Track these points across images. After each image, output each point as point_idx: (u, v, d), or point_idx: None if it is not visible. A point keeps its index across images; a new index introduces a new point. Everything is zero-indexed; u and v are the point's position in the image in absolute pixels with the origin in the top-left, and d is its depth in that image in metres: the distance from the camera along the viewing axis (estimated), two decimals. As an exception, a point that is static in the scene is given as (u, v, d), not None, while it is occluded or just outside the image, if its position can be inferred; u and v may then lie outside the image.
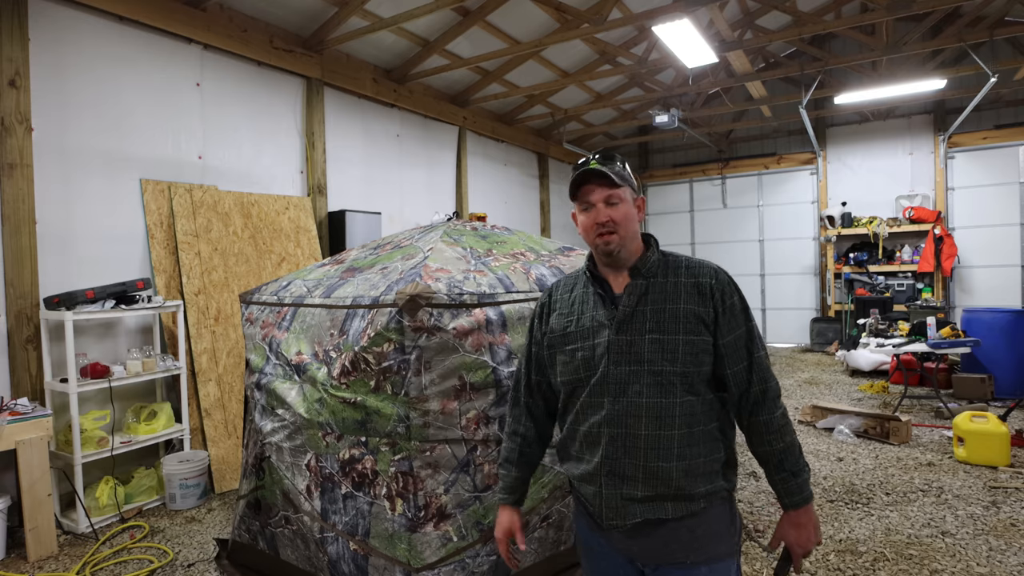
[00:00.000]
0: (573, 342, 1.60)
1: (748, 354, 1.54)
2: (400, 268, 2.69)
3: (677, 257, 1.62)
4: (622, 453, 1.50)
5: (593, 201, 1.56)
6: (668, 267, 1.58)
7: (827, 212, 10.36)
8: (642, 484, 1.49)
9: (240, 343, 4.95)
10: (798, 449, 1.56)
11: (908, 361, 6.87)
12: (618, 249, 1.55)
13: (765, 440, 1.54)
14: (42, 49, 4.19)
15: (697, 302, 1.52)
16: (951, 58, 9.16)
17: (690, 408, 1.50)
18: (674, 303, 1.52)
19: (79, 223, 4.37)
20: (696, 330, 1.50)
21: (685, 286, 1.54)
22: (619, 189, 1.56)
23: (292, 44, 5.93)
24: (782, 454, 1.53)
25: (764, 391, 1.54)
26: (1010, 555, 3.23)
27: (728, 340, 1.52)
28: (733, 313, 1.54)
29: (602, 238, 1.55)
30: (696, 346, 1.50)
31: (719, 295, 1.53)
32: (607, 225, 1.54)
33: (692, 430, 1.49)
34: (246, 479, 3.05)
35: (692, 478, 1.49)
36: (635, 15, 6.16)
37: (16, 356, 3.97)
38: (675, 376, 1.49)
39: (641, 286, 1.56)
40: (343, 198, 6.67)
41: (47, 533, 3.57)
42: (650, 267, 1.58)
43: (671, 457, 1.48)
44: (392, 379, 2.42)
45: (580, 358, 1.57)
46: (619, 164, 1.59)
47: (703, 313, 1.52)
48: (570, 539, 2.67)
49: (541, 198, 10.90)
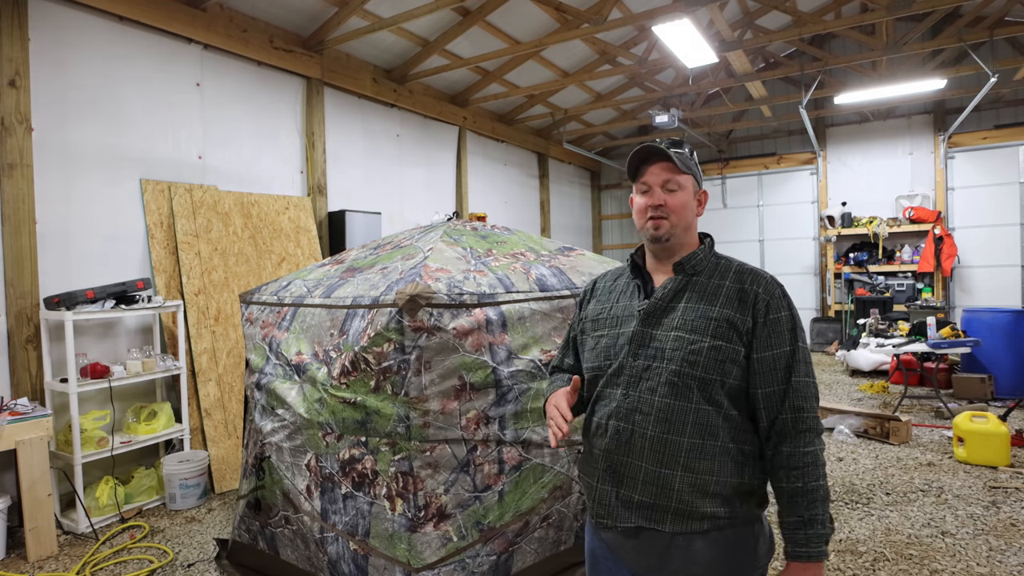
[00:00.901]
0: (600, 328, 1.56)
1: (786, 377, 1.39)
2: (400, 268, 2.69)
3: (731, 260, 1.52)
4: (624, 450, 1.44)
5: (651, 183, 1.48)
6: (717, 268, 1.49)
7: (827, 212, 10.36)
8: (640, 488, 1.41)
9: (240, 343, 4.95)
10: (821, 497, 1.36)
11: (908, 361, 6.87)
12: (667, 236, 1.47)
13: (783, 475, 1.38)
14: (42, 49, 4.19)
15: (736, 308, 1.42)
16: (951, 58, 9.16)
17: (706, 418, 1.39)
18: (710, 304, 1.43)
19: (79, 223, 4.37)
20: (727, 336, 1.40)
21: (727, 290, 1.44)
22: (681, 176, 1.48)
23: (292, 44, 5.93)
24: (799, 495, 1.36)
25: (796, 420, 1.38)
26: (1010, 555, 3.23)
27: (764, 356, 1.40)
28: (776, 328, 1.41)
29: (652, 221, 1.47)
30: (722, 353, 1.39)
31: (763, 305, 1.42)
32: (660, 209, 1.46)
33: (705, 442, 1.38)
34: (246, 479, 3.05)
35: (699, 495, 1.37)
36: (635, 15, 6.16)
37: (16, 356, 3.97)
38: (693, 380, 1.39)
39: (680, 282, 1.48)
40: (343, 198, 6.67)
41: (47, 533, 3.57)
42: (696, 264, 1.49)
43: (675, 465, 1.38)
44: (392, 379, 2.42)
45: (603, 345, 1.53)
46: (687, 152, 1.52)
47: (739, 321, 1.41)
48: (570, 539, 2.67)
49: (541, 198, 10.89)
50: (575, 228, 12.18)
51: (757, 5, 8.00)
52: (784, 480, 1.38)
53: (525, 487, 2.53)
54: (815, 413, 1.40)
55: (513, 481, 2.51)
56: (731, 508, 1.39)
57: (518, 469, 2.52)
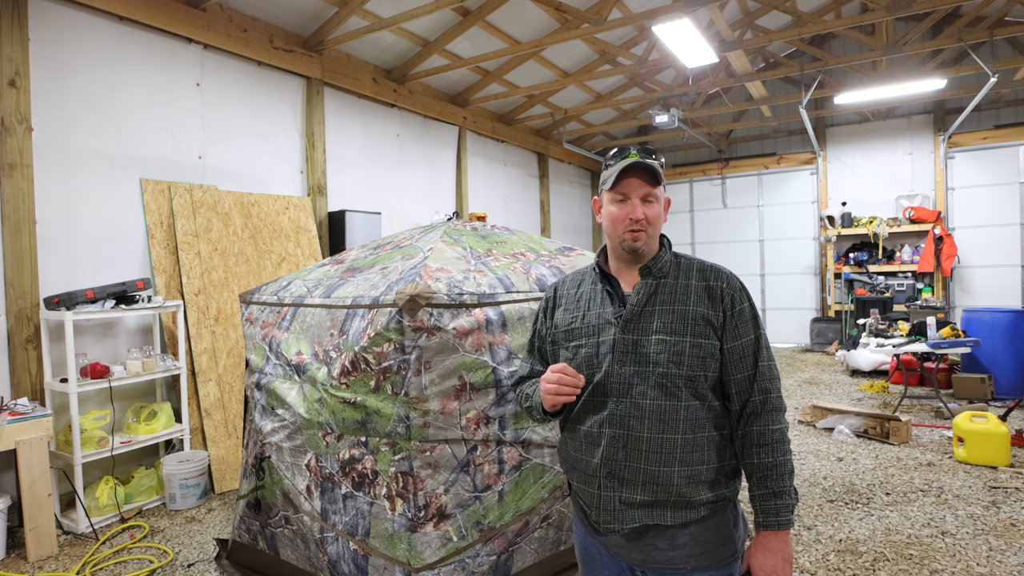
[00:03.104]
0: (577, 338, 1.58)
1: (754, 363, 1.50)
2: (400, 268, 2.69)
3: (690, 259, 1.59)
4: (623, 455, 1.48)
5: (631, 195, 1.52)
6: (680, 268, 1.56)
7: (827, 212, 10.36)
8: (642, 488, 1.47)
9: (240, 343, 4.95)
10: (788, 471, 1.48)
11: (908, 361, 6.87)
12: (643, 248, 1.53)
13: (754, 451, 1.48)
14: (42, 49, 4.19)
15: (707, 305, 1.50)
16: (951, 58, 9.16)
17: (695, 413, 1.47)
18: (683, 305, 1.50)
19: (79, 223, 4.37)
20: (704, 333, 1.48)
21: (696, 288, 1.52)
22: (657, 188, 1.53)
23: (292, 44, 5.93)
24: (768, 469, 1.46)
25: (764, 401, 1.49)
26: (1010, 555, 3.23)
27: (734, 346, 1.49)
28: (742, 319, 1.51)
29: (632, 234, 1.52)
30: (703, 349, 1.47)
31: (729, 299, 1.51)
32: (640, 223, 1.51)
33: (696, 435, 1.46)
34: (246, 479, 3.05)
35: (694, 485, 1.46)
36: (635, 15, 6.16)
37: (16, 356, 3.97)
38: (680, 379, 1.46)
39: (651, 285, 1.53)
40: (343, 198, 6.67)
41: (47, 533, 3.57)
42: (662, 267, 1.55)
43: (673, 462, 1.45)
44: (392, 379, 2.42)
45: (583, 355, 1.55)
46: (660, 161, 1.57)
47: (712, 316, 1.49)
48: (570, 539, 2.67)
49: (541, 198, 10.89)
50: (575, 228, 12.19)
51: (757, 5, 8.00)
52: (755, 456, 1.48)
53: (525, 487, 2.53)
54: (779, 393, 1.52)
55: (513, 481, 2.51)
56: (719, 491, 1.48)
57: (518, 469, 2.52)
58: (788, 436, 1.51)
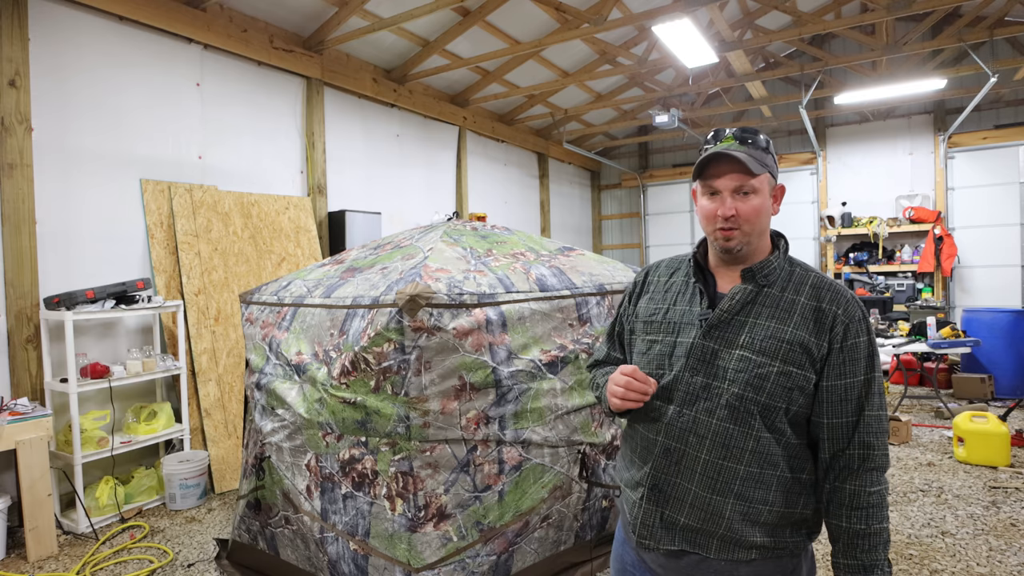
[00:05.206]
0: (654, 333, 1.41)
1: (857, 409, 1.27)
2: (400, 268, 2.69)
3: (807, 270, 1.36)
4: (674, 471, 1.33)
5: (720, 188, 1.31)
6: (791, 279, 1.34)
7: (827, 212, 10.36)
8: (688, 511, 1.31)
9: (240, 343, 4.95)
10: (883, 541, 1.26)
11: (908, 361, 6.87)
12: (739, 247, 1.32)
13: (844, 514, 1.26)
14: (42, 49, 4.19)
15: (811, 330, 1.28)
16: (951, 58, 9.16)
17: (766, 447, 1.28)
18: (781, 323, 1.29)
19: (79, 223, 4.37)
20: (798, 362, 1.26)
21: (803, 307, 1.29)
22: (755, 178, 1.30)
23: (292, 44, 5.93)
24: (860, 538, 1.25)
25: (864, 457, 1.26)
26: (1010, 555, 3.23)
27: (835, 384, 1.27)
28: (853, 355, 1.27)
29: (723, 233, 1.31)
30: (792, 380, 1.26)
31: (841, 329, 1.27)
32: (732, 220, 1.30)
33: (763, 471, 1.28)
34: (246, 479, 3.05)
35: (749, 524, 1.28)
36: (635, 15, 6.16)
37: (16, 356, 3.97)
38: (755, 406, 1.27)
39: (749, 292, 1.32)
40: (343, 198, 6.67)
41: (47, 533, 3.57)
42: (768, 273, 1.33)
43: (728, 493, 1.28)
44: (392, 379, 2.42)
45: (656, 352, 1.39)
46: (762, 145, 1.33)
47: (813, 345, 1.27)
48: (570, 539, 2.67)
49: (541, 198, 10.89)
50: (575, 228, 12.18)
51: (757, 5, 7.99)
52: (844, 519, 1.27)
53: (525, 487, 2.53)
54: (885, 450, 1.28)
55: (513, 481, 2.51)
56: (780, 538, 1.30)
57: (518, 469, 2.52)
58: (887, 500, 1.29)
